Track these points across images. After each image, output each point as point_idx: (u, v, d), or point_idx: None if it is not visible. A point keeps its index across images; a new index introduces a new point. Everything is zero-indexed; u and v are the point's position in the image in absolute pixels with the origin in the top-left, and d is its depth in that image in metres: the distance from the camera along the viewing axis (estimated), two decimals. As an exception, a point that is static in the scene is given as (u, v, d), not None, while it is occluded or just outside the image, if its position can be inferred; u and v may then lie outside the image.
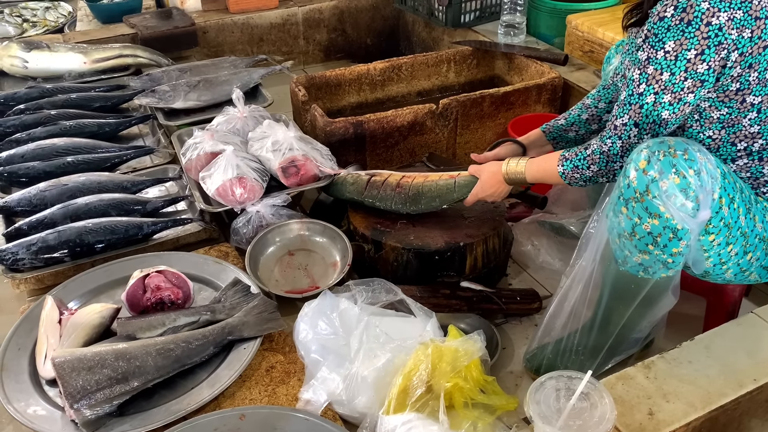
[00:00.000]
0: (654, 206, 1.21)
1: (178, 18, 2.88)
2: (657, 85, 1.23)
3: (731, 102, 1.26)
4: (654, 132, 1.28)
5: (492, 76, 2.62)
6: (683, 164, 1.19)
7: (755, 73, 1.22)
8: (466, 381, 1.28)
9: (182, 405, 1.29)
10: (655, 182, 1.20)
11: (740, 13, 1.16)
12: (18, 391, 1.33)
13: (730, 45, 1.18)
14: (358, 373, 1.31)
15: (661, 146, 1.21)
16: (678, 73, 1.21)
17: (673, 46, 1.20)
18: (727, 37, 1.17)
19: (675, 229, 1.22)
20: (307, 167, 1.86)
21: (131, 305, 1.49)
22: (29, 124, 2.13)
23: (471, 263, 1.68)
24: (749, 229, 1.30)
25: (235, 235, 1.78)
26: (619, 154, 1.33)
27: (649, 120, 1.27)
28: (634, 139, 1.29)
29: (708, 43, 1.18)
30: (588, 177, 1.39)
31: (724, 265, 1.34)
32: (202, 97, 2.28)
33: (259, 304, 1.48)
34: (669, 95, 1.23)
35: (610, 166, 1.35)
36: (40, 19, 3.38)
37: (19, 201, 1.80)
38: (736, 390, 1.28)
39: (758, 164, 1.33)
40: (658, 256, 1.27)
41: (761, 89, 1.24)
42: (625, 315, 1.36)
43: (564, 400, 1.15)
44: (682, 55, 1.19)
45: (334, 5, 3.17)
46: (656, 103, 1.25)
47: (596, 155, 1.36)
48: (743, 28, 1.17)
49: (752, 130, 1.29)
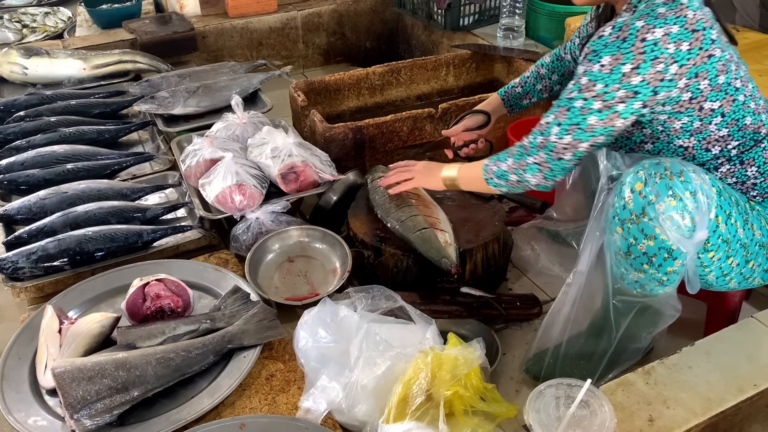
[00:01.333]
0: (650, 228, 1.23)
1: (178, 23, 2.89)
2: (588, 93, 1.25)
3: (689, 111, 1.27)
4: (576, 136, 1.28)
5: (491, 80, 2.62)
6: (680, 186, 1.20)
7: (705, 81, 1.23)
8: (466, 389, 1.28)
9: (182, 414, 1.29)
10: (651, 204, 1.22)
11: (676, 27, 1.19)
12: (18, 401, 1.33)
13: (667, 59, 1.19)
14: (358, 381, 1.31)
15: (657, 168, 1.23)
16: (611, 84, 1.22)
17: (609, 60, 1.21)
18: (663, 51, 1.19)
19: (670, 249, 1.23)
20: (306, 173, 1.86)
21: (131, 314, 1.49)
22: (29, 131, 2.13)
23: (471, 268, 1.68)
24: (748, 239, 1.31)
25: (234, 242, 1.78)
26: (536, 148, 1.34)
27: (572, 122, 1.28)
28: (553, 137, 1.31)
29: (644, 57, 1.19)
30: (502, 172, 1.40)
31: (727, 277, 1.34)
32: (202, 103, 2.28)
33: (259, 312, 1.48)
34: (599, 102, 1.24)
35: (524, 159, 1.36)
36: (40, 24, 3.38)
37: (19, 209, 1.80)
38: (736, 395, 1.28)
39: (740, 168, 1.34)
40: (653, 274, 1.28)
41: (716, 94, 1.26)
42: (623, 325, 1.36)
43: (564, 408, 1.15)
44: (617, 68, 1.21)
45: (333, 9, 3.17)
46: (584, 108, 1.25)
47: (515, 148, 1.39)
48: (680, 42, 1.19)
49: (721, 134, 1.30)
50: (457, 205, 1.80)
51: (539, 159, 1.33)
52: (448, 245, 1.61)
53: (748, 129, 1.30)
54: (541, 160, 1.33)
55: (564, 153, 1.31)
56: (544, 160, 1.33)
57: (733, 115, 1.28)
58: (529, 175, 1.36)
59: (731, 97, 1.27)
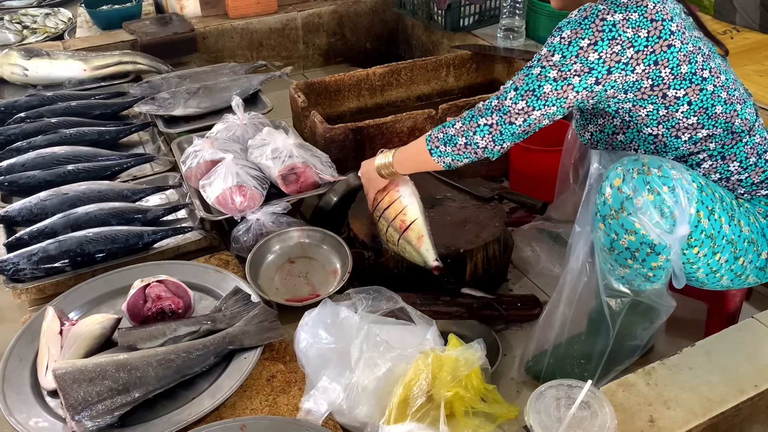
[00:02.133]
0: (629, 223, 1.24)
1: (178, 24, 2.89)
2: (546, 62, 1.28)
3: (652, 98, 1.30)
4: (530, 103, 1.30)
5: (492, 80, 2.62)
6: (657, 181, 1.22)
7: (666, 69, 1.26)
8: (467, 390, 1.28)
9: (183, 415, 1.29)
10: (629, 200, 1.23)
11: (635, 15, 1.23)
12: (19, 403, 1.33)
13: (624, 42, 1.23)
14: (359, 382, 1.31)
15: (635, 164, 1.25)
16: (568, 57, 1.26)
17: (568, 34, 1.26)
18: (621, 33, 1.23)
19: (652, 244, 1.24)
20: (306, 174, 1.86)
21: (132, 315, 1.49)
22: (29, 133, 2.13)
23: (471, 269, 1.68)
24: (735, 235, 1.31)
25: (235, 243, 1.78)
26: (490, 110, 1.35)
27: (528, 88, 1.30)
28: (509, 101, 1.32)
29: (602, 36, 1.23)
30: (450, 136, 1.41)
31: (717, 273, 1.35)
32: (202, 104, 2.28)
33: (260, 313, 1.48)
34: (555, 72, 1.27)
35: (475, 121, 1.37)
36: (40, 25, 3.38)
37: (19, 210, 1.80)
38: (737, 396, 1.28)
39: (723, 163, 1.35)
40: (638, 270, 1.29)
41: (680, 83, 1.28)
42: (618, 322, 1.36)
43: (564, 409, 1.16)
44: (575, 42, 1.25)
45: (333, 9, 3.17)
46: (540, 75, 1.29)
47: (467, 112, 1.40)
48: (639, 29, 1.23)
49: (690, 122, 1.32)
50: (457, 206, 1.80)
51: (491, 120, 1.35)
52: (420, 242, 1.58)
53: (719, 118, 1.32)
54: (493, 122, 1.35)
55: (516, 118, 1.33)
56: (496, 122, 1.35)
57: (701, 104, 1.30)
58: (479, 137, 1.37)
59: (697, 86, 1.28)
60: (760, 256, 1.36)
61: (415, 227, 1.59)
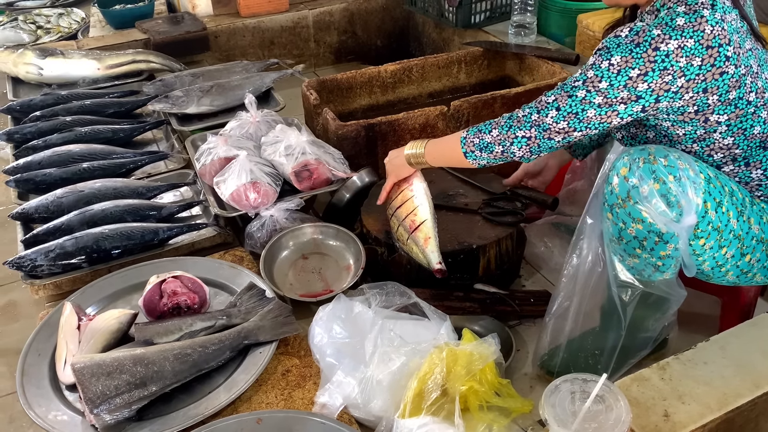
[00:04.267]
0: (636, 211, 1.24)
1: (190, 23, 2.91)
2: (592, 87, 1.25)
3: (693, 121, 1.28)
4: (571, 124, 1.29)
5: (503, 77, 2.61)
6: (663, 170, 1.22)
7: (714, 96, 1.23)
8: (481, 384, 1.28)
9: (200, 409, 1.31)
10: (635, 188, 1.23)
11: (691, 42, 1.18)
12: (39, 396, 1.35)
13: (676, 71, 1.19)
14: (373, 376, 1.32)
15: (641, 153, 1.24)
16: (616, 85, 1.23)
17: (618, 61, 1.22)
18: (674, 64, 1.19)
19: (660, 233, 1.24)
20: (319, 171, 1.87)
21: (148, 311, 1.51)
22: (45, 131, 2.16)
23: (484, 265, 1.69)
24: (743, 231, 1.30)
25: (249, 239, 1.79)
26: (529, 124, 1.34)
27: (571, 110, 1.28)
28: (549, 119, 1.31)
29: (653, 66, 1.19)
30: (486, 143, 1.40)
31: (722, 268, 1.34)
32: (215, 102, 2.29)
33: (275, 308, 1.50)
34: (601, 98, 1.25)
35: (514, 132, 1.36)
36: (54, 25, 3.41)
37: (36, 208, 1.82)
38: (752, 391, 1.27)
39: (745, 170, 1.34)
40: (647, 259, 1.29)
41: (725, 108, 1.26)
42: (629, 313, 1.36)
43: (579, 403, 1.15)
44: (624, 71, 1.21)
45: (344, 7, 3.18)
46: (585, 99, 1.26)
47: (504, 119, 1.39)
48: (693, 57, 1.19)
49: (726, 142, 1.31)
50: (469, 201, 1.81)
51: (530, 134, 1.34)
52: (427, 243, 1.57)
53: (755, 138, 1.30)
54: (532, 135, 1.34)
55: (556, 135, 1.32)
56: (535, 136, 1.34)
57: (740, 125, 1.28)
58: (516, 148, 1.37)
59: (741, 110, 1.27)
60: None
61: (423, 228, 1.60)
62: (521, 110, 1.37)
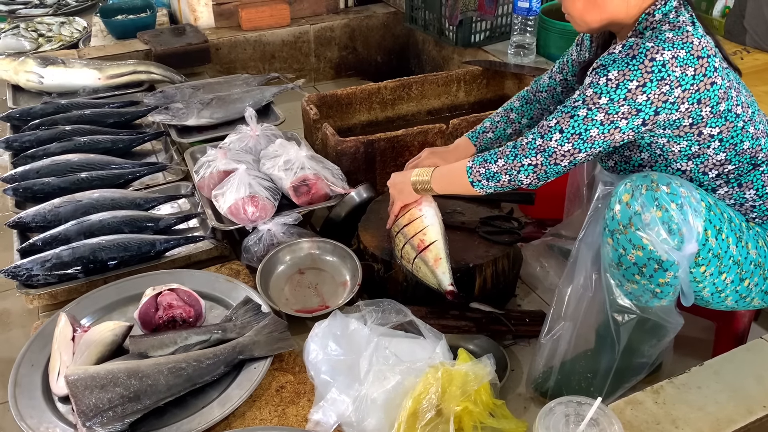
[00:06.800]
0: (637, 238, 1.25)
1: (192, 35, 2.92)
2: (593, 104, 1.26)
3: (688, 135, 1.30)
4: (576, 145, 1.30)
5: (502, 96, 2.63)
6: (665, 198, 1.22)
7: (707, 108, 1.26)
8: (476, 405, 1.28)
9: (193, 424, 1.30)
10: (637, 215, 1.24)
11: (683, 52, 1.22)
12: (31, 408, 1.34)
13: (672, 81, 1.22)
14: (368, 394, 1.31)
15: (644, 180, 1.25)
16: (616, 99, 1.24)
17: (615, 75, 1.24)
18: (670, 73, 1.21)
19: (660, 260, 1.25)
20: (318, 186, 1.88)
21: (143, 323, 1.50)
22: (44, 140, 2.16)
23: (480, 284, 1.69)
24: (742, 256, 1.32)
25: (246, 253, 1.79)
26: (534, 150, 1.34)
27: (575, 131, 1.29)
28: (554, 143, 1.31)
29: (651, 77, 1.22)
30: (492, 173, 1.40)
31: (722, 293, 1.35)
32: (215, 115, 2.30)
33: (270, 324, 1.49)
34: (602, 115, 1.26)
35: (519, 161, 1.36)
36: (56, 34, 3.43)
37: (33, 217, 1.82)
38: (745, 416, 1.27)
39: (739, 191, 1.36)
40: (645, 285, 1.29)
41: (716, 121, 1.28)
42: (624, 338, 1.37)
43: (573, 426, 1.16)
44: (623, 84, 1.23)
45: (345, 23, 3.20)
46: (587, 118, 1.27)
47: (508, 148, 1.39)
48: (686, 66, 1.22)
49: (719, 158, 1.32)
50: (467, 219, 1.81)
51: (536, 161, 1.35)
52: (437, 264, 1.57)
53: (745, 153, 1.33)
54: (538, 162, 1.35)
55: (561, 159, 1.33)
56: (541, 162, 1.34)
57: (731, 140, 1.31)
58: (523, 176, 1.37)
59: (731, 123, 1.29)
60: (766, 279, 1.37)
61: (434, 248, 1.59)
62: (524, 137, 1.37)
